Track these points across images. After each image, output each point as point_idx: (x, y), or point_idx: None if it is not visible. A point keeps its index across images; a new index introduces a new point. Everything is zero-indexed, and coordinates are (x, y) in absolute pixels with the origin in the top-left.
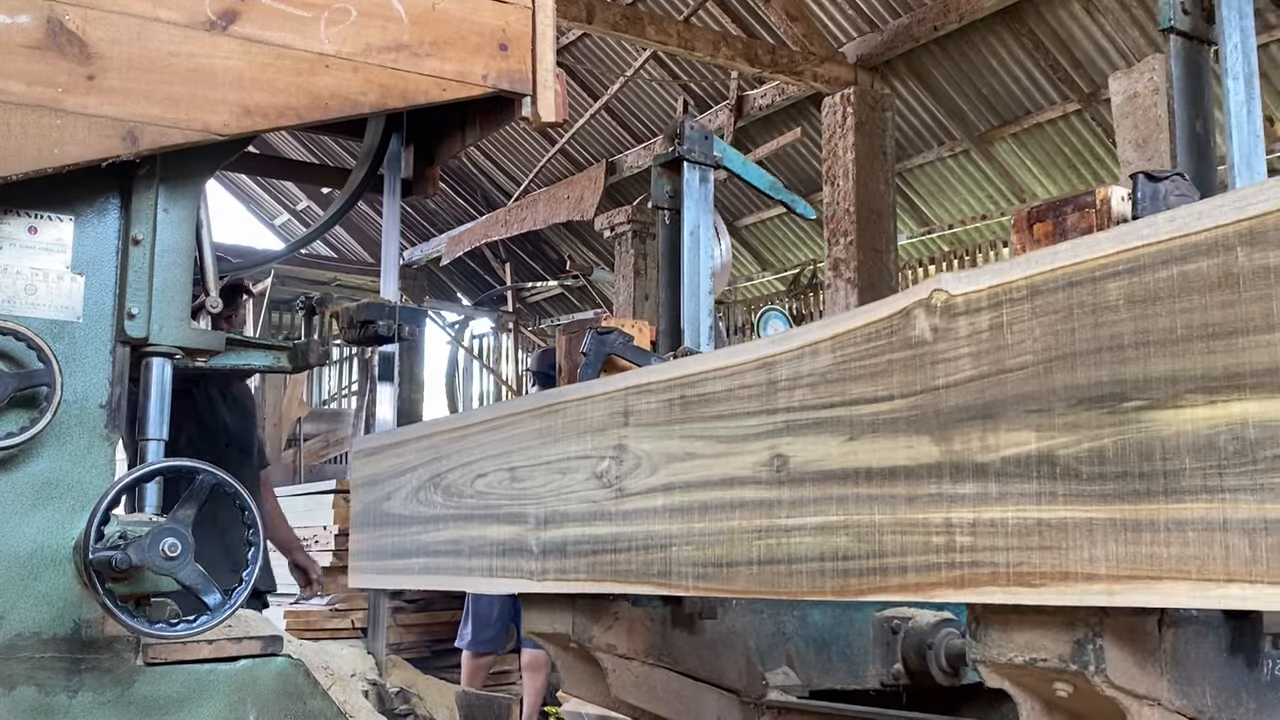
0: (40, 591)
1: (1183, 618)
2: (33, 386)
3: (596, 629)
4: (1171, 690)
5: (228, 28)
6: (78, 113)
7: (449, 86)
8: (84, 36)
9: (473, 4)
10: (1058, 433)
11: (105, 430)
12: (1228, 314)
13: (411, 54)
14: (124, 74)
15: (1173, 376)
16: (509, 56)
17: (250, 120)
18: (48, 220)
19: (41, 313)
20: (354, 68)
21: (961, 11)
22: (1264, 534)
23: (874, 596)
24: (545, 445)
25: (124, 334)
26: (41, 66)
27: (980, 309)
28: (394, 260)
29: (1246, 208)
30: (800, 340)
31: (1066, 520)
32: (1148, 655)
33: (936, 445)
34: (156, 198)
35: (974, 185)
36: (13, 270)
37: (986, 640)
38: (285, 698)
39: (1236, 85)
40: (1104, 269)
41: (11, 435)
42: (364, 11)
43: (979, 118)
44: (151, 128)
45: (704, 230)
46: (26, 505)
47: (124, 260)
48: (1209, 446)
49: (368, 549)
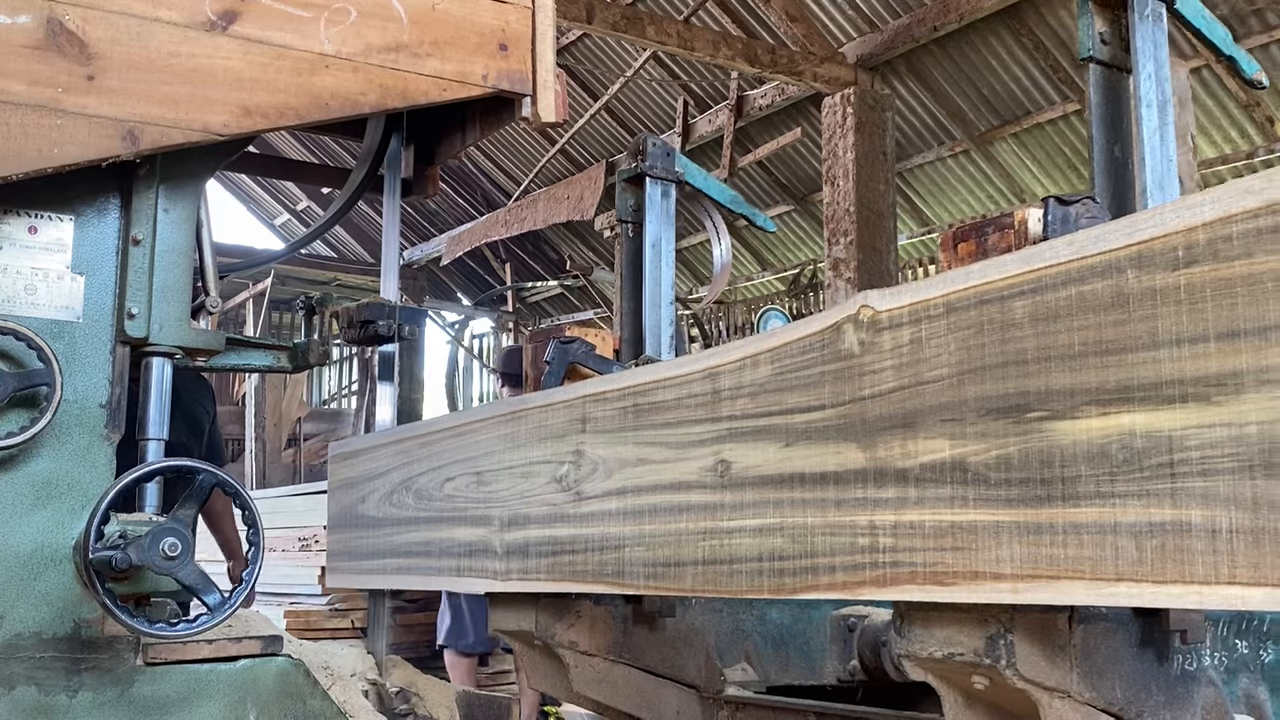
0: (40, 591)
1: (1093, 614)
2: (33, 386)
3: (559, 627)
4: (1081, 683)
5: (228, 28)
6: (77, 113)
7: (449, 86)
8: (84, 36)
9: (473, 4)
10: (969, 441)
11: (105, 430)
12: (1119, 332)
13: (411, 54)
14: (124, 74)
15: (1070, 390)
16: (509, 56)
17: (250, 120)
18: (48, 220)
19: (41, 313)
20: (354, 68)
21: (961, 11)
22: (1149, 537)
23: (806, 595)
24: (509, 450)
25: (124, 334)
26: (41, 66)
27: (902, 324)
28: (394, 260)
29: (1136, 233)
30: (742, 352)
31: (976, 523)
32: (1057, 650)
33: (862, 452)
34: (156, 198)
35: (974, 185)
36: (13, 270)
37: (910, 636)
38: (285, 698)
39: (1150, 113)
40: (1011, 288)
41: (11, 435)
42: (364, 11)
43: (979, 118)
44: (151, 128)
45: (665, 244)
46: (26, 505)
47: (124, 260)
48: (1101, 455)
49: (344, 550)
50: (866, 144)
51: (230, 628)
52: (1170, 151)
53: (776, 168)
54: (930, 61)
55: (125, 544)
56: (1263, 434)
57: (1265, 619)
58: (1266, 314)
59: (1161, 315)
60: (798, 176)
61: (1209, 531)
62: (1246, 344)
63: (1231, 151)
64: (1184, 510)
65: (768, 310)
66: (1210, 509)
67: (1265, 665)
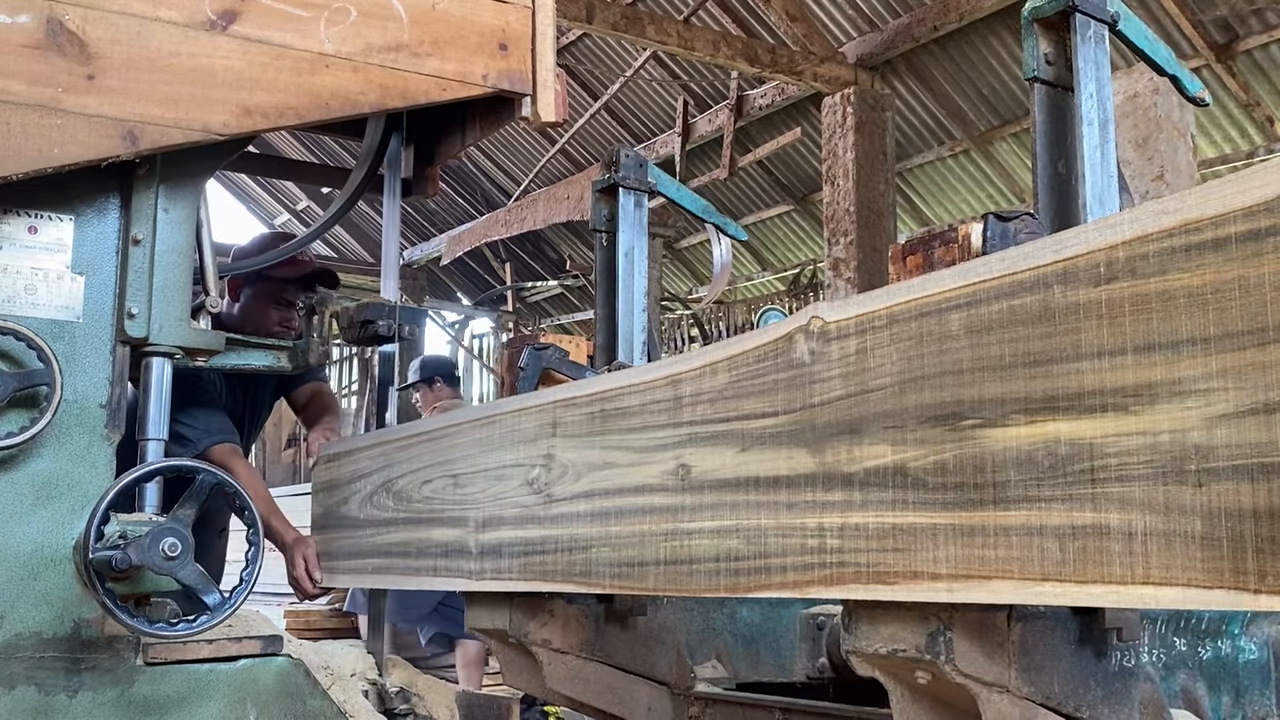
0: (40, 591)
1: (1031, 612)
2: (33, 386)
3: (532, 625)
4: (1019, 678)
5: (228, 28)
6: (78, 113)
7: (449, 86)
8: (84, 36)
9: (473, 4)
10: (909, 447)
11: (105, 430)
12: (1045, 344)
13: (411, 54)
14: (124, 74)
15: (1001, 398)
16: (509, 56)
17: (250, 120)
18: (48, 220)
19: (41, 313)
20: (354, 68)
21: (961, 11)
22: (1071, 539)
23: (760, 594)
24: (484, 454)
25: (124, 334)
26: (41, 66)
27: (849, 335)
28: (394, 260)
29: (1062, 250)
30: (702, 360)
31: (915, 525)
32: (995, 646)
33: (812, 457)
34: (156, 198)
35: (974, 185)
36: (13, 270)
37: (857, 633)
38: (285, 698)
39: (1091, 130)
40: (948, 302)
41: (11, 435)
42: (364, 11)
43: (979, 118)
44: (151, 128)
45: (638, 252)
46: (26, 505)
47: (124, 260)
48: (1029, 461)
49: (326, 550)
50: (866, 144)
51: (230, 628)
52: (1111, 169)
53: (776, 168)
54: (930, 61)
55: (125, 544)
56: (1174, 442)
57: (1203, 617)
58: (1179, 329)
59: (1084, 329)
60: (798, 176)
61: (1126, 534)
62: (1160, 357)
63: (1231, 151)
64: (1103, 514)
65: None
66: (1127, 513)
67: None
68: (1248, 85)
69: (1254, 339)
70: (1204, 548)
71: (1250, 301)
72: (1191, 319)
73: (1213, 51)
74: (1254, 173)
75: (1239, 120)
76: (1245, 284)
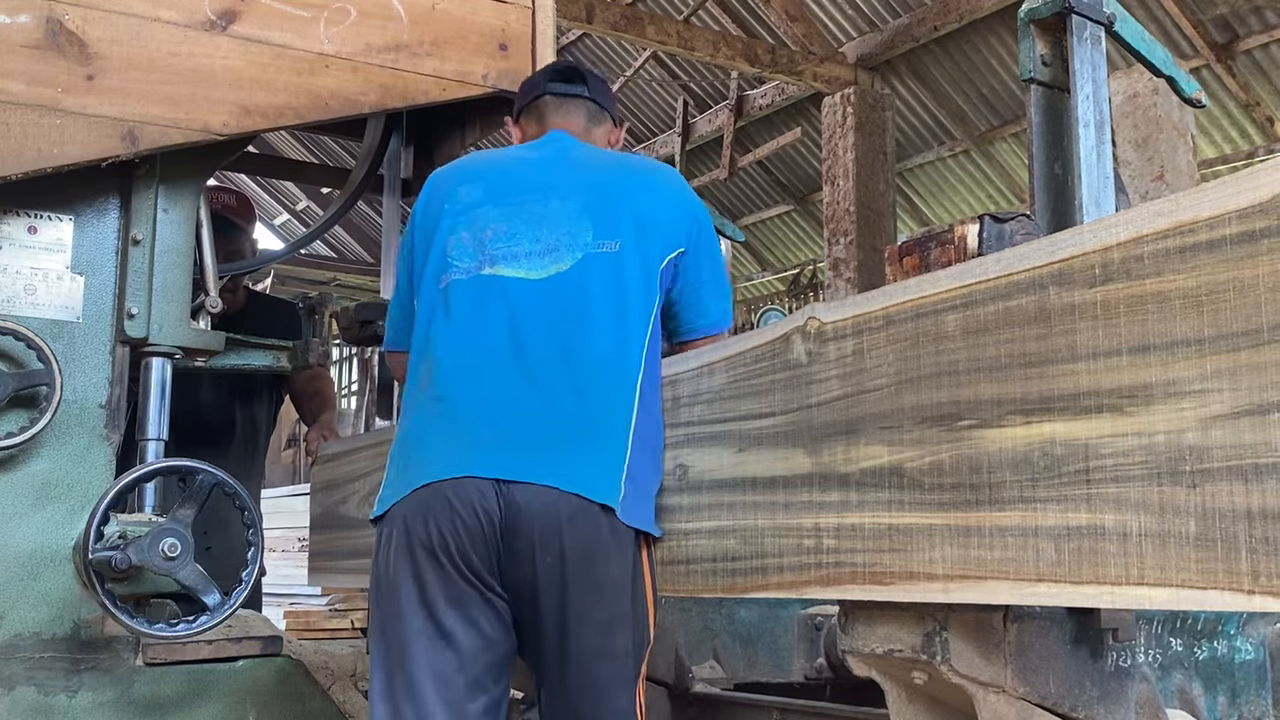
0: (40, 591)
1: (1027, 612)
2: (33, 386)
3: None
4: (1015, 678)
5: (227, 28)
6: (77, 113)
7: (449, 86)
8: (84, 36)
9: (473, 4)
10: (905, 448)
11: (105, 430)
12: (1041, 345)
13: (411, 54)
14: (124, 74)
15: (997, 399)
16: (509, 56)
17: (250, 120)
18: (48, 220)
19: (41, 313)
20: (354, 68)
21: (961, 11)
22: (1066, 539)
23: (756, 594)
24: None
25: (124, 334)
26: (41, 66)
27: (846, 335)
28: (394, 260)
29: (1057, 251)
30: (699, 361)
31: (912, 526)
32: (992, 646)
33: (809, 457)
34: (156, 198)
35: (974, 185)
36: (13, 270)
37: (853, 633)
38: (285, 698)
39: (1087, 131)
40: (944, 303)
41: (11, 435)
42: (364, 11)
43: (979, 118)
44: (151, 128)
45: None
46: (26, 505)
47: (124, 260)
48: (1024, 462)
49: (325, 550)
50: (866, 144)
51: (230, 628)
52: (1107, 170)
53: (776, 167)
54: (930, 61)
55: (125, 544)
56: (1169, 443)
57: (1199, 617)
58: (1173, 330)
59: (1080, 330)
60: (798, 176)
61: (1120, 535)
62: (1155, 358)
63: (1232, 151)
64: (1098, 515)
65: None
66: (1122, 514)
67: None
68: (1248, 85)
69: (1248, 340)
70: (1198, 548)
71: (1245, 303)
72: (1186, 320)
73: (1213, 51)
74: (1248, 174)
75: (1239, 120)
76: (1240, 285)
